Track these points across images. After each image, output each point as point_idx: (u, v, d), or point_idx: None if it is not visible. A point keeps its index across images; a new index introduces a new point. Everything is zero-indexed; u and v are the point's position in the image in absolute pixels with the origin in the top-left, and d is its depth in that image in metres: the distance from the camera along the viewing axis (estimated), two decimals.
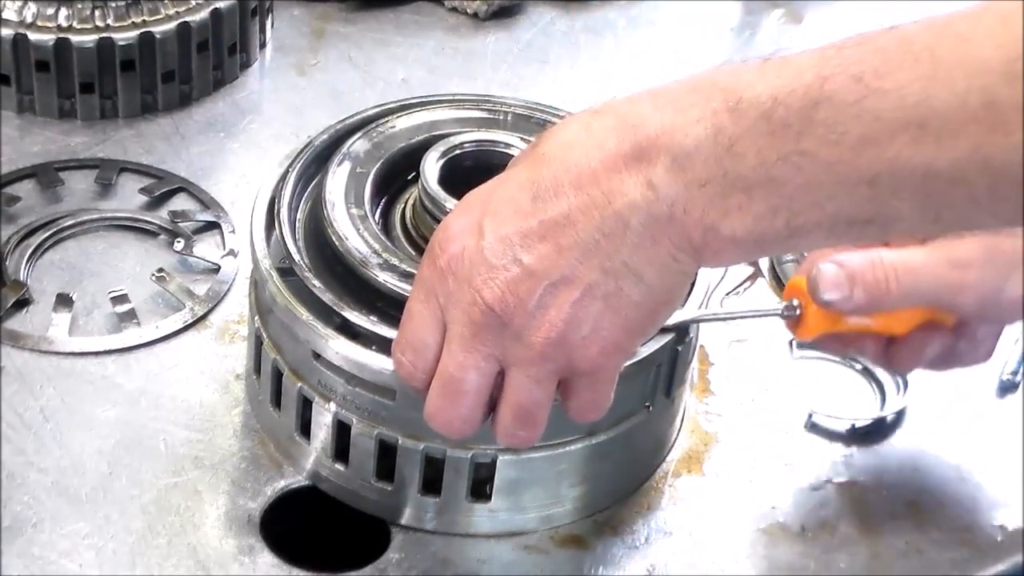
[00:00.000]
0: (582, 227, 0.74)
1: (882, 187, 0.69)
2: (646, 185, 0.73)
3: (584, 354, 0.77)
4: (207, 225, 1.15)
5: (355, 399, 0.89)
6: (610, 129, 0.75)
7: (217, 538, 0.92)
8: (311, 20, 1.40)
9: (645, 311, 0.76)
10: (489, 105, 1.03)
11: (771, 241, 0.73)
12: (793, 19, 1.49)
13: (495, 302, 0.76)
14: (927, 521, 0.97)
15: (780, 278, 1.14)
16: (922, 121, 0.67)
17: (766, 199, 0.71)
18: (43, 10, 1.21)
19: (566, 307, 0.75)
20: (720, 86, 0.73)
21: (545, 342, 0.76)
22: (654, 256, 0.74)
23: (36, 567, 0.89)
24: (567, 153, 0.76)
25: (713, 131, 0.71)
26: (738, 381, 1.06)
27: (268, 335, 0.94)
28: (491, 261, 0.76)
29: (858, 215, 0.71)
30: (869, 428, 1.03)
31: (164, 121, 1.26)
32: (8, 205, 1.14)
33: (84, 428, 0.98)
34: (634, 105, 0.76)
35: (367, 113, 1.02)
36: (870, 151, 0.68)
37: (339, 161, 0.97)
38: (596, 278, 0.75)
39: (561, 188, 0.75)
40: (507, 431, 0.81)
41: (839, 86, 0.68)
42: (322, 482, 0.94)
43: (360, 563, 0.91)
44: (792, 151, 0.70)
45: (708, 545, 0.95)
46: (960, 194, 0.68)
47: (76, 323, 1.05)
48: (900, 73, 0.68)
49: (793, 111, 0.69)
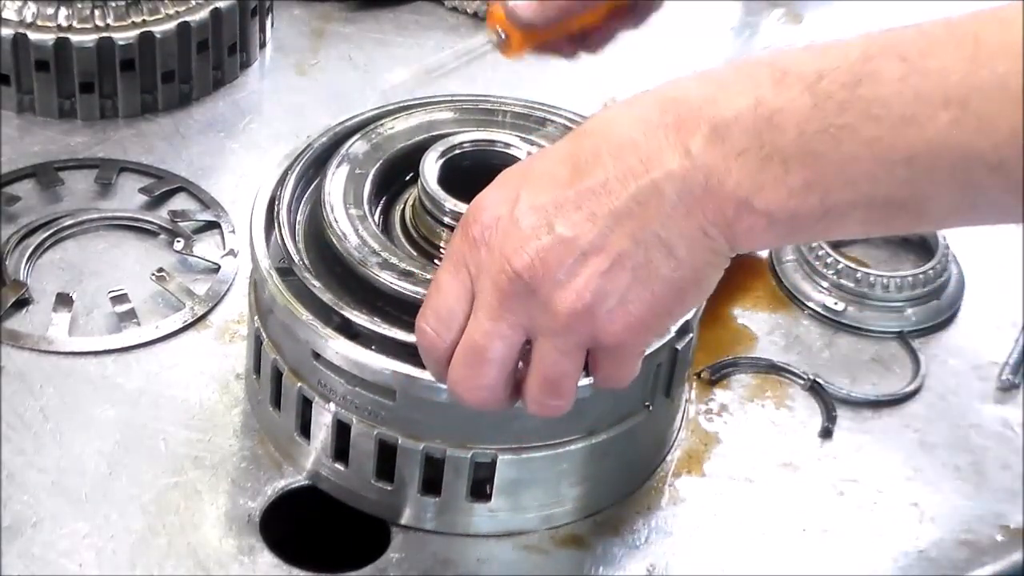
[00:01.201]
0: (617, 195, 0.74)
1: (920, 167, 0.69)
2: (684, 154, 0.73)
3: (609, 327, 0.76)
4: (207, 225, 1.15)
5: (355, 399, 0.89)
6: (652, 103, 0.75)
7: (217, 538, 0.92)
8: (311, 20, 1.41)
9: (674, 288, 0.76)
10: (487, 105, 1.03)
11: (804, 220, 0.73)
12: (793, 19, 1.49)
13: (524, 269, 0.75)
14: (927, 521, 0.97)
15: (780, 278, 1.15)
16: (963, 101, 0.67)
17: (802, 172, 0.71)
18: (43, 10, 1.21)
19: (595, 277, 0.75)
20: (766, 63, 0.73)
21: (571, 312, 0.75)
22: (686, 228, 0.74)
23: (36, 567, 0.89)
24: (609, 126, 0.76)
25: (755, 102, 0.72)
26: (738, 381, 1.06)
27: (268, 335, 0.94)
28: (524, 229, 0.75)
29: (893, 197, 0.71)
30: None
31: (164, 121, 1.26)
32: (8, 205, 1.14)
33: (84, 428, 0.98)
34: (678, 82, 0.76)
35: (366, 115, 1.02)
36: (910, 129, 0.69)
37: (338, 162, 0.97)
38: (626, 247, 0.74)
39: (600, 158, 0.75)
40: (536, 400, 0.80)
41: (883, 64, 0.69)
42: (322, 482, 0.95)
43: (360, 563, 0.91)
44: (832, 124, 0.70)
45: (708, 545, 0.95)
46: (998, 179, 0.68)
47: (76, 323, 1.05)
48: (944, 54, 0.68)
49: (837, 85, 0.70)
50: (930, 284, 1.13)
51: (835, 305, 1.12)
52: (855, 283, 1.13)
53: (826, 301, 1.13)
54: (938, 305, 1.14)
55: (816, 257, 1.13)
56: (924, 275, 1.13)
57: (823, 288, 1.13)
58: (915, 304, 1.13)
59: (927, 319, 1.13)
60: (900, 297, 1.12)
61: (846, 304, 1.12)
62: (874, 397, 1.06)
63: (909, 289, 1.13)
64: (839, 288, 1.13)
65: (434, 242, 0.93)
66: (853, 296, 1.13)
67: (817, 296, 1.13)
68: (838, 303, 1.12)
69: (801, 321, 1.12)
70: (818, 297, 1.13)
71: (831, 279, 1.13)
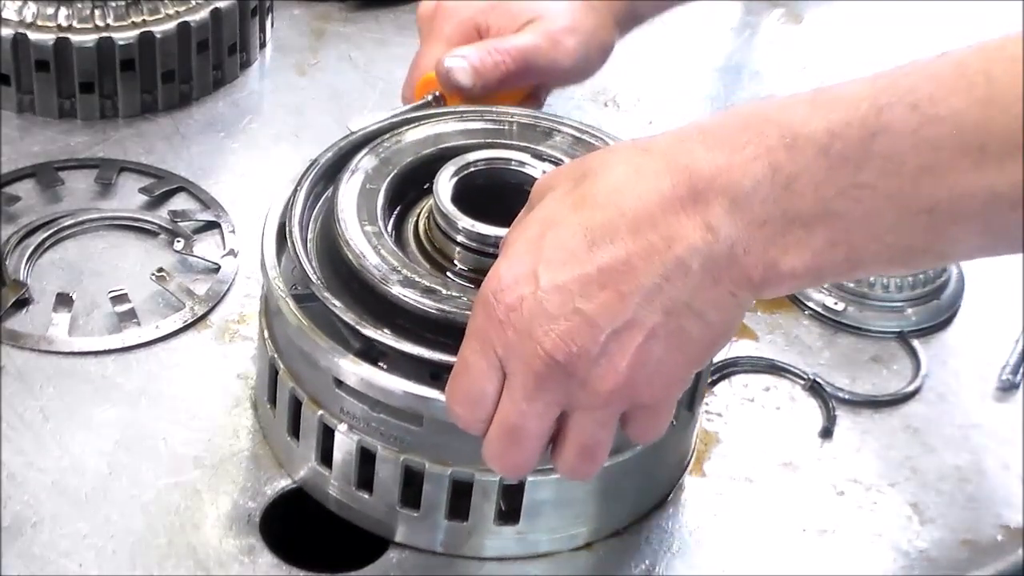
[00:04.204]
0: (642, 272, 0.73)
1: (941, 216, 0.69)
2: (705, 228, 0.73)
3: (648, 391, 0.76)
4: (207, 225, 1.15)
5: (380, 426, 0.88)
6: (662, 171, 0.74)
7: (217, 538, 0.92)
8: (311, 20, 1.41)
9: (705, 345, 0.76)
10: (493, 115, 1.02)
11: (830, 272, 0.73)
12: (793, 19, 1.49)
13: (558, 352, 0.74)
14: (927, 521, 0.97)
15: None
16: (981, 146, 0.67)
17: (825, 234, 0.71)
18: (43, 10, 1.21)
19: (630, 352, 0.74)
20: (773, 122, 0.72)
21: (611, 389, 0.75)
22: (715, 296, 0.74)
23: (36, 567, 0.89)
24: (619, 197, 0.74)
25: (771, 170, 0.71)
26: (738, 381, 1.06)
27: (284, 363, 0.92)
28: (551, 311, 0.74)
29: (916, 244, 0.71)
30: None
31: (164, 121, 1.26)
32: (8, 205, 1.15)
33: (84, 428, 0.98)
34: (684, 144, 0.75)
35: (372, 128, 1.00)
36: (929, 180, 0.68)
37: (348, 178, 0.95)
38: (659, 320, 0.74)
39: (618, 233, 0.74)
40: (570, 467, 0.80)
41: (895, 116, 0.69)
42: (343, 509, 0.93)
43: (360, 563, 0.91)
44: (850, 184, 0.70)
45: (708, 545, 0.95)
46: (1019, 216, 0.68)
47: (76, 323, 1.05)
48: (955, 99, 0.68)
49: (851, 144, 0.69)
50: (930, 284, 1.13)
51: (835, 305, 1.12)
52: (855, 283, 1.12)
53: (826, 301, 1.13)
54: (938, 305, 1.14)
55: None
56: (924, 275, 1.13)
57: (823, 288, 1.13)
58: (915, 304, 1.13)
59: (927, 319, 1.13)
60: (900, 297, 1.13)
61: (846, 304, 1.12)
62: (874, 397, 1.06)
63: (909, 289, 1.13)
64: (839, 288, 1.13)
65: (448, 256, 0.92)
66: (853, 296, 1.13)
67: (817, 296, 1.13)
68: (838, 303, 1.12)
69: (801, 321, 1.12)
70: (818, 297, 1.13)
71: None
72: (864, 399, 1.06)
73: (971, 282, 1.16)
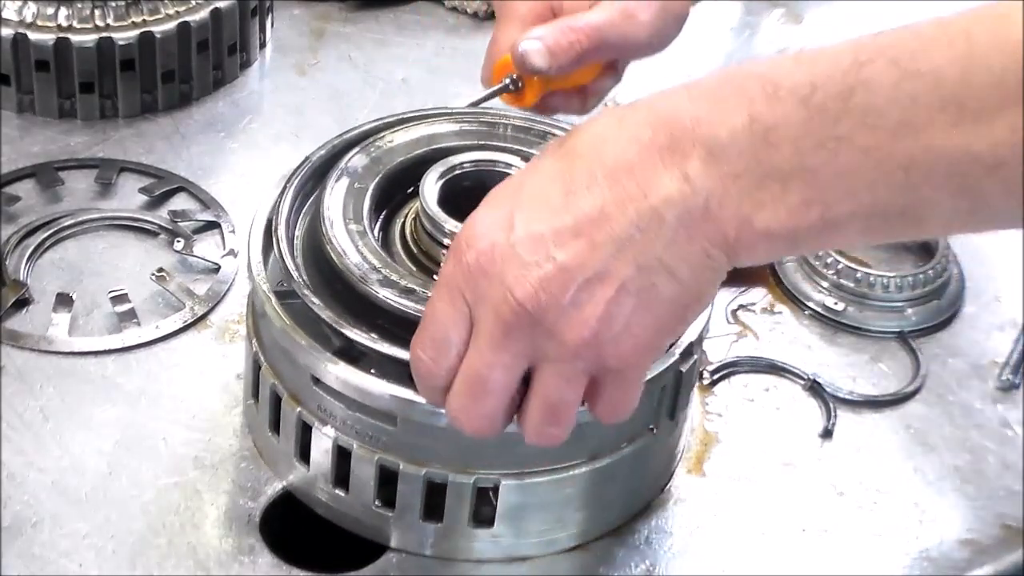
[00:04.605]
0: (617, 222, 0.73)
1: (918, 173, 0.68)
2: (682, 178, 0.72)
3: (615, 351, 0.75)
4: (207, 225, 1.15)
5: (355, 424, 0.88)
6: (644, 122, 0.74)
7: (217, 538, 0.92)
8: (311, 20, 1.41)
9: (677, 308, 0.75)
10: (488, 118, 1.02)
11: (805, 235, 0.72)
12: (793, 19, 1.49)
13: (527, 300, 0.74)
14: (927, 521, 0.97)
15: (780, 278, 1.15)
16: (959, 103, 0.66)
17: (800, 190, 0.70)
18: (43, 10, 1.21)
19: (600, 304, 0.74)
20: (757, 75, 0.72)
21: (579, 340, 0.74)
22: (689, 252, 0.73)
23: (36, 567, 0.89)
24: (600, 146, 0.74)
25: (748, 120, 0.71)
26: (738, 381, 1.06)
27: (266, 359, 0.93)
28: (523, 258, 0.74)
29: (892, 205, 0.70)
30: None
31: (164, 121, 1.26)
32: (8, 205, 1.14)
33: (84, 428, 0.98)
34: (668, 98, 0.75)
35: (365, 127, 1.00)
36: (907, 135, 0.68)
37: (337, 176, 0.95)
38: (630, 274, 0.73)
39: (595, 181, 0.74)
40: (535, 429, 0.79)
41: (876, 70, 0.68)
42: (320, 507, 0.93)
43: (359, 563, 0.91)
44: (829, 137, 0.69)
45: (708, 545, 0.95)
46: (996, 181, 0.67)
47: (76, 323, 1.05)
48: (936, 54, 0.67)
49: (831, 96, 0.69)
50: (930, 284, 1.13)
51: (835, 305, 1.12)
52: (855, 283, 1.13)
53: (826, 301, 1.13)
54: (938, 305, 1.14)
55: (816, 257, 1.14)
56: (924, 275, 1.13)
57: (823, 288, 1.13)
58: (915, 304, 1.13)
59: (927, 319, 1.13)
60: (900, 297, 1.13)
61: (846, 304, 1.12)
62: (874, 397, 1.06)
63: (909, 289, 1.13)
64: (839, 288, 1.13)
65: (435, 258, 0.92)
66: (853, 296, 1.13)
67: (817, 296, 1.13)
68: (838, 303, 1.12)
69: (801, 321, 1.12)
70: (818, 297, 1.13)
71: (831, 279, 1.13)
72: (864, 399, 1.06)
73: (971, 282, 1.16)
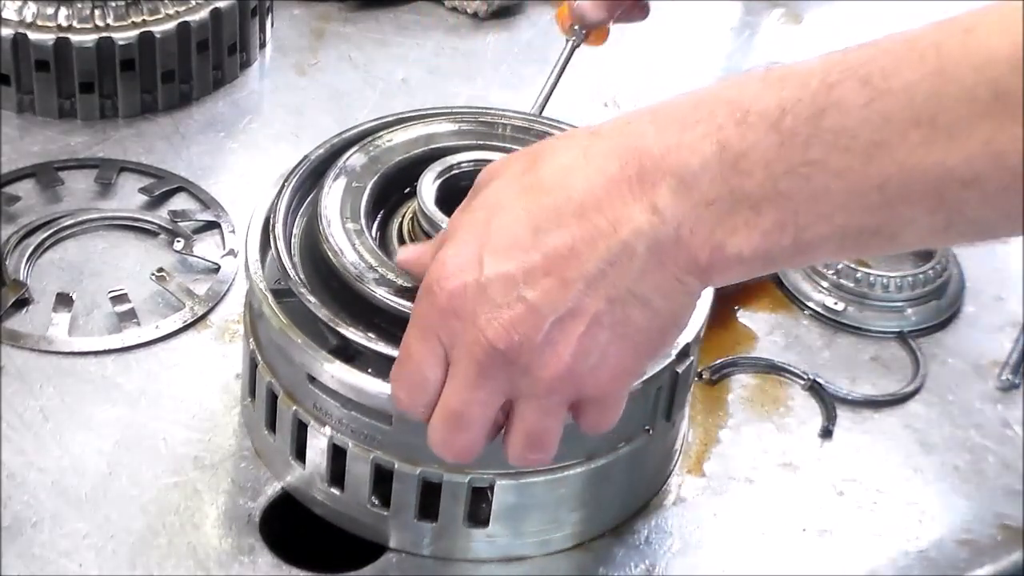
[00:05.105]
0: (587, 258, 0.72)
1: (893, 192, 0.68)
2: (651, 210, 0.71)
3: (593, 381, 0.75)
4: (207, 225, 1.15)
5: (351, 423, 0.88)
6: (610, 153, 0.73)
7: (217, 538, 0.92)
8: (311, 20, 1.41)
9: (653, 335, 0.75)
10: (487, 118, 1.01)
11: (778, 258, 0.72)
12: (793, 19, 1.49)
13: (500, 341, 0.73)
14: (927, 521, 0.97)
15: (780, 278, 1.15)
16: (932, 119, 0.66)
17: (773, 214, 0.70)
18: (43, 10, 1.21)
19: (573, 340, 0.73)
20: (725, 100, 0.71)
21: (553, 377, 0.74)
22: (661, 281, 0.73)
23: (36, 567, 0.89)
24: (566, 179, 0.74)
25: (719, 148, 0.70)
26: (738, 381, 1.06)
27: (263, 358, 0.93)
28: (494, 299, 0.73)
29: (867, 225, 0.69)
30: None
31: (164, 121, 1.26)
32: (8, 205, 1.14)
33: (84, 428, 0.98)
34: (633, 125, 0.74)
35: (363, 127, 1.00)
36: (881, 154, 0.67)
37: (335, 176, 0.95)
38: (602, 308, 0.73)
39: (563, 218, 0.73)
40: (519, 455, 0.79)
41: (846, 91, 0.67)
42: (317, 506, 0.93)
43: (359, 563, 0.91)
44: (800, 162, 0.68)
45: (708, 545, 0.95)
46: (972, 195, 0.67)
47: (76, 323, 1.05)
48: (907, 71, 0.66)
49: (801, 120, 0.68)
50: (930, 284, 1.13)
51: (835, 305, 1.12)
52: (855, 283, 1.13)
53: (826, 301, 1.13)
54: (938, 305, 1.14)
55: None
56: (924, 275, 1.13)
57: (823, 288, 1.13)
58: (915, 304, 1.13)
59: (927, 319, 1.13)
60: (900, 297, 1.13)
61: (846, 304, 1.12)
62: (874, 397, 1.06)
63: (909, 289, 1.13)
64: (839, 288, 1.13)
65: None
66: (853, 296, 1.13)
67: (817, 296, 1.13)
68: (838, 303, 1.12)
69: (801, 321, 1.12)
70: (818, 297, 1.13)
71: (831, 279, 1.13)
72: (864, 399, 1.06)
73: (971, 282, 1.16)
